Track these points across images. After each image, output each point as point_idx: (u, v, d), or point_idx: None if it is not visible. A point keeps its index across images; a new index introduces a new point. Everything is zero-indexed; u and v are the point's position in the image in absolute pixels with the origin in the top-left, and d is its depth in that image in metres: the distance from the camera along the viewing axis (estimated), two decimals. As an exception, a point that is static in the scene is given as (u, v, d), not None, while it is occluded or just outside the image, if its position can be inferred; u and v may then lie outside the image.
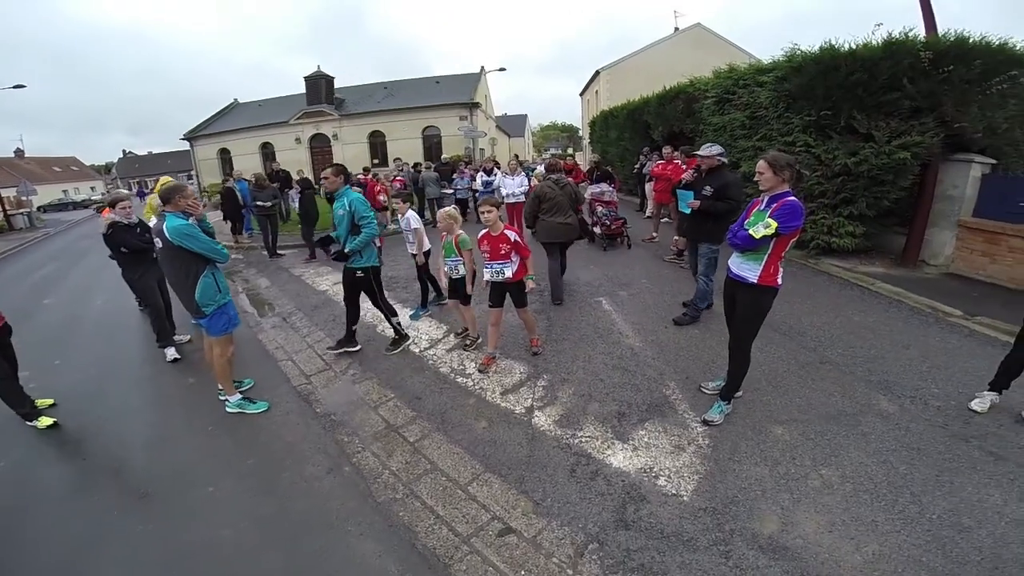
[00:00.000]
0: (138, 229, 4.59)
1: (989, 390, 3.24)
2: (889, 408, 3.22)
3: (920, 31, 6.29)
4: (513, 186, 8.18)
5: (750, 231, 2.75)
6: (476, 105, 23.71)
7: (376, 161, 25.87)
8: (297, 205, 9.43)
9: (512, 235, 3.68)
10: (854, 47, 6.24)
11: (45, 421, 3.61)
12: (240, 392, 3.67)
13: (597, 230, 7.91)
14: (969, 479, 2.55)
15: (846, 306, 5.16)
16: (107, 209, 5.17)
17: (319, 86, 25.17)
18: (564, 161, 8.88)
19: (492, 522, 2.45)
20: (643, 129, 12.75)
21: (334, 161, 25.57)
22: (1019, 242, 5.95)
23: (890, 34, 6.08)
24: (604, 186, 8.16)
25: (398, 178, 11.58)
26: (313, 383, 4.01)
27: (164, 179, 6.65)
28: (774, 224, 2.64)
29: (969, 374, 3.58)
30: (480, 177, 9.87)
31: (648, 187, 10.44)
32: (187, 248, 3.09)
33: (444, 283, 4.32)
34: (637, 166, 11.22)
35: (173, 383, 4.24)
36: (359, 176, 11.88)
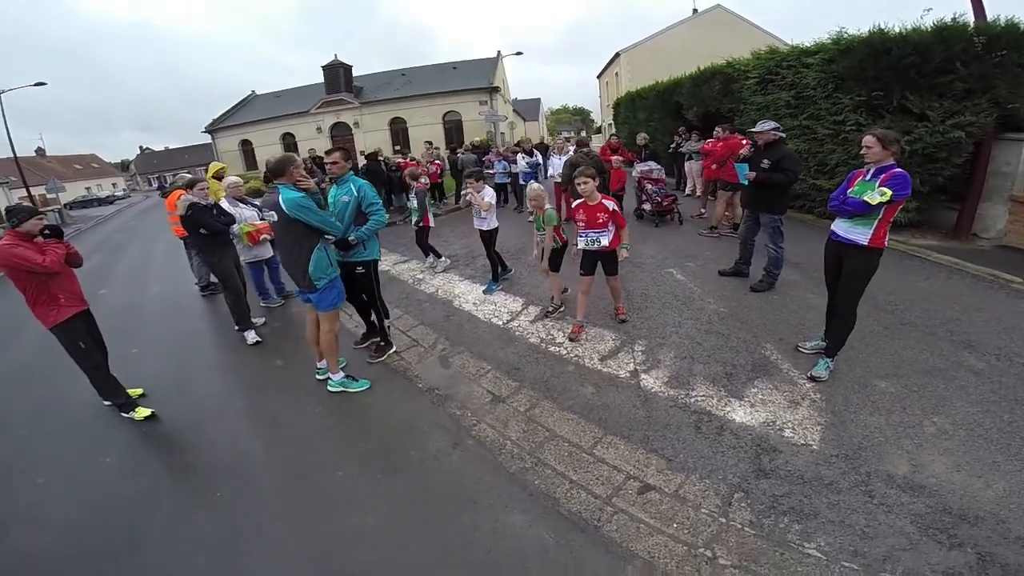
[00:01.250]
0: (215, 211, 4.60)
1: None
2: (978, 364, 3.46)
3: (968, 17, 6.38)
4: (560, 166, 8.47)
5: (865, 198, 3.01)
6: (496, 90, 23.72)
7: (398, 147, 26.08)
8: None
9: (611, 204, 3.80)
10: (904, 31, 6.34)
11: (142, 412, 3.47)
12: (342, 372, 3.64)
13: (647, 207, 8.14)
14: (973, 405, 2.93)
15: (908, 274, 5.36)
16: (178, 191, 5.41)
17: (337, 74, 25.29)
18: (611, 140, 9.11)
19: (629, 481, 2.57)
20: (674, 109, 12.79)
21: (359, 148, 26.08)
22: None
23: (941, 19, 6.18)
24: (652, 163, 8.27)
25: (435, 162, 11.76)
26: (405, 359, 4.04)
27: (214, 165, 7.02)
28: (889, 192, 2.91)
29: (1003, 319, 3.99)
30: (522, 159, 9.95)
31: (688, 165, 10.58)
32: (303, 220, 3.05)
33: (536, 254, 4.58)
34: (673, 146, 11.29)
35: (261, 366, 4.22)
36: (398, 160, 12.01)
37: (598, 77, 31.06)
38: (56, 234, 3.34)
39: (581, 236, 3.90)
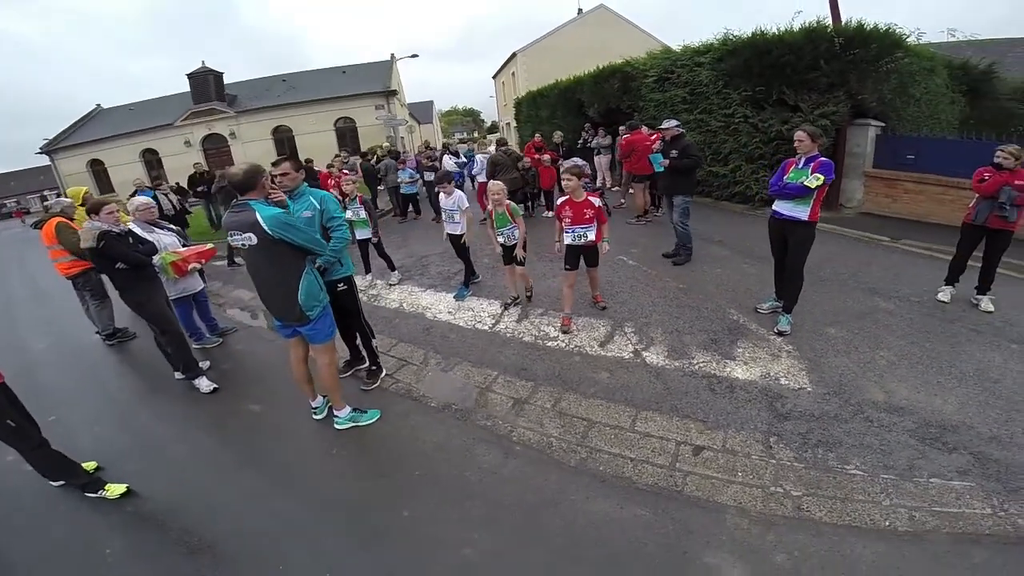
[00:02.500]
0: (130, 238, 3.80)
1: (945, 285, 4.55)
2: (888, 306, 4.37)
3: (828, 20, 7.56)
4: (483, 164, 8.51)
5: (804, 182, 3.61)
6: (393, 93, 23.00)
7: (283, 155, 24.08)
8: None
9: (596, 201, 3.93)
10: (780, 33, 7.32)
11: (115, 489, 2.83)
12: (348, 407, 3.23)
13: None
14: (974, 348, 3.62)
15: (825, 247, 6.32)
16: (58, 219, 4.70)
17: (206, 82, 22.65)
18: (535, 139, 9.28)
19: (681, 447, 2.79)
20: (576, 107, 13.41)
21: (237, 162, 23.43)
22: (912, 185, 7.57)
23: (809, 22, 7.25)
24: (578, 160, 8.41)
25: (344, 172, 10.92)
26: (401, 380, 3.73)
27: (76, 190, 5.94)
28: (822, 177, 3.56)
29: (921, 277, 4.96)
30: (449, 159, 9.85)
31: (597, 160, 11.10)
32: (288, 240, 2.60)
33: (498, 251, 4.62)
34: (580, 142, 11.71)
35: (233, 415, 3.54)
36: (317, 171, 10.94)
37: (494, 78, 31.52)
38: None
39: (568, 232, 3.99)
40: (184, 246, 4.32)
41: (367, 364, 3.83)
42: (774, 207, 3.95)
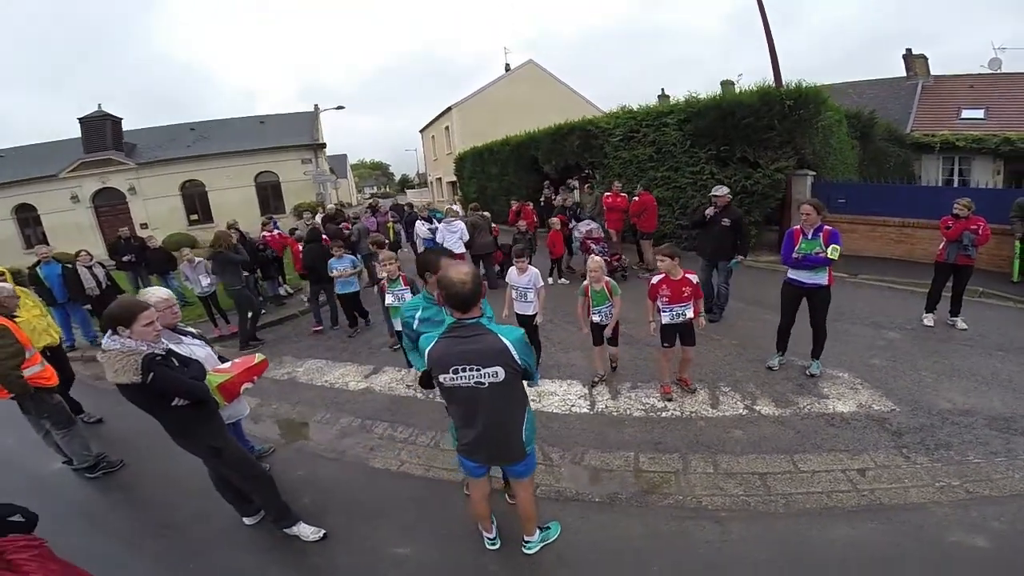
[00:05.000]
0: (173, 359, 2.60)
1: (926, 312, 5.54)
2: (896, 335, 5.24)
3: (769, 78, 8.71)
4: (447, 233, 8.08)
5: (828, 254, 4.00)
6: (322, 146, 22.13)
7: (195, 217, 21.82)
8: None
9: (693, 278, 3.92)
10: (739, 95, 8.29)
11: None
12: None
13: None
14: (976, 358, 4.55)
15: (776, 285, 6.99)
16: (9, 319, 3.47)
17: (102, 129, 20.01)
18: (524, 204, 9.33)
19: (848, 472, 3.11)
20: (529, 163, 13.83)
21: (137, 221, 20.75)
22: (846, 225, 8.81)
23: (760, 84, 8.32)
24: (592, 223, 8.12)
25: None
26: (541, 482, 3.20)
27: None
28: (839, 248, 4.02)
29: (898, 308, 5.93)
30: (422, 225, 9.23)
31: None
32: (523, 367, 2.11)
33: (586, 331, 4.38)
34: (543, 199, 11.86)
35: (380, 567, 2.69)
36: (263, 235, 9.05)
37: (421, 131, 31.75)
38: None
39: (666, 311, 3.95)
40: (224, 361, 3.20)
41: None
42: (791, 276, 4.31)
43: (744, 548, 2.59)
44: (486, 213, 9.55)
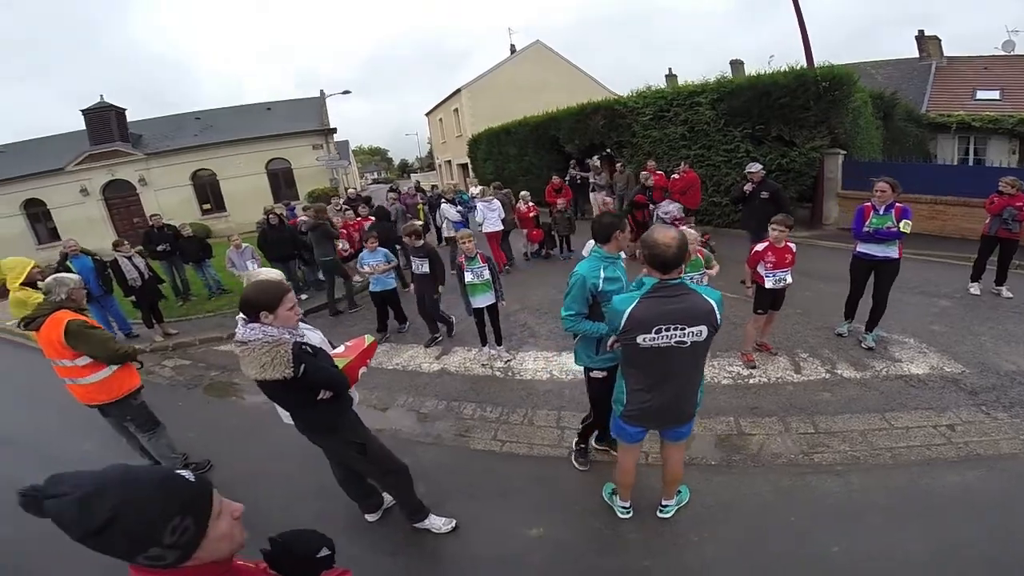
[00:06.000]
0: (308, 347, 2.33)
1: (972, 282, 5.83)
2: (947, 303, 5.54)
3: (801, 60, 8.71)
4: (487, 212, 8.20)
5: (901, 228, 4.17)
6: (332, 131, 21.87)
7: (208, 206, 21.71)
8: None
9: (793, 246, 4.19)
10: (773, 75, 8.28)
11: None
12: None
13: None
14: (1016, 325, 4.84)
15: (831, 257, 7.28)
16: (68, 314, 3.07)
17: (107, 120, 19.73)
18: (553, 180, 9.32)
19: (939, 428, 3.34)
20: (550, 143, 13.81)
21: (148, 212, 20.56)
22: None
23: (792, 66, 8.31)
24: (673, 204, 7.21)
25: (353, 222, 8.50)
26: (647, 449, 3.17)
27: (14, 262, 4.44)
28: (910, 223, 4.20)
29: (943, 278, 6.30)
30: (448, 208, 8.83)
31: (593, 196, 11.48)
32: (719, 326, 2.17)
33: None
34: (567, 178, 11.93)
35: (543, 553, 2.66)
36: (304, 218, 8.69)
37: (427, 114, 31.37)
38: None
39: (769, 276, 4.16)
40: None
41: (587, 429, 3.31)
42: (861, 249, 4.53)
43: (869, 496, 2.78)
44: (508, 191, 9.63)
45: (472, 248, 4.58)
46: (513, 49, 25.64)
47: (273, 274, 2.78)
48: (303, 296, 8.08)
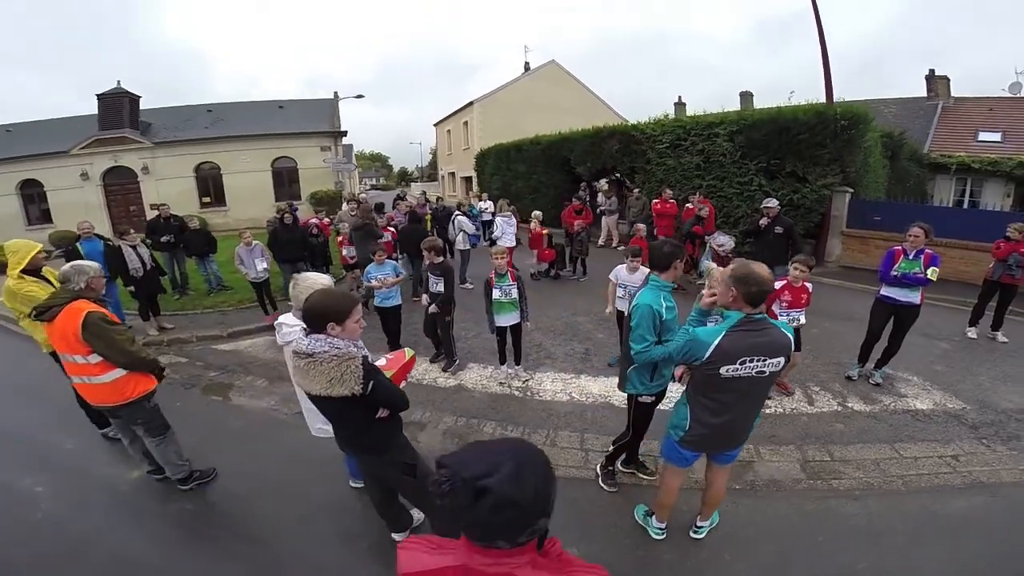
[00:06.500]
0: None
1: (970, 326, 6.08)
2: (946, 345, 5.80)
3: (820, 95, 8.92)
4: (506, 227, 8.25)
5: (928, 275, 4.30)
6: (343, 134, 21.90)
7: (208, 199, 21.54)
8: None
9: (809, 286, 4.20)
10: (794, 110, 8.45)
11: None
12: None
13: None
14: (1012, 367, 5.13)
15: (822, 295, 7.31)
16: (101, 304, 2.95)
17: (120, 106, 19.66)
18: (574, 203, 9.34)
19: (943, 458, 3.54)
20: (561, 164, 13.92)
21: (147, 201, 20.43)
22: (881, 242, 9.10)
23: (810, 101, 8.50)
24: (724, 237, 6.74)
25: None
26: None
27: (19, 244, 3.85)
28: (937, 270, 4.32)
29: (942, 320, 6.46)
30: (464, 221, 8.47)
31: (604, 220, 11.57)
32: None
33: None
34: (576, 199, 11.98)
35: None
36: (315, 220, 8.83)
37: (436, 125, 31.62)
38: None
39: (783, 315, 4.14)
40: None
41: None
42: (885, 293, 4.60)
43: (886, 520, 2.95)
44: (514, 208, 9.60)
45: (504, 265, 4.49)
46: (527, 67, 26.06)
47: (323, 280, 2.63)
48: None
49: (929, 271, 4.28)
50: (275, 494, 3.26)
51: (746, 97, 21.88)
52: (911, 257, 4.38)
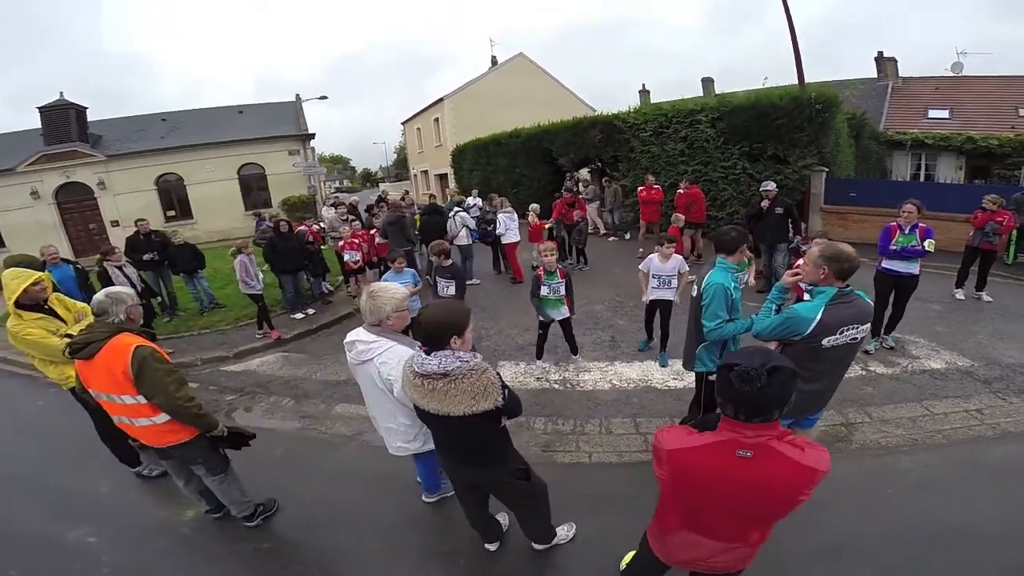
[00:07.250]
0: None
1: (956, 288, 6.59)
2: (939, 307, 6.19)
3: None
4: (510, 223, 8.33)
5: (925, 246, 4.68)
6: (311, 137, 21.26)
7: (173, 212, 20.57)
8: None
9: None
10: (771, 96, 8.81)
11: None
12: None
13: None
14: (1010, 323, 5.54)
15: None
16: (151, 340, 2.66)
17: (66, 118, 18.42)
18: (564, 195, 9.32)
19: (970, 412, 3.85)
20: (543, 156, 14.01)
21: (107, 218, 19.33)
22: (858, 217, 9.67)
23: (793, 87, 8.89)
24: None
25: (361, 232, 8.21)
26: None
27: (11, 273, 3.33)
28: (933, 242, 4.68)
29: (929, 284, 6.45)
30: (464, 217, 8.42)
31: (592, 208, 11.73)
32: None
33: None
34: (563, 190, 12.12)
35: None
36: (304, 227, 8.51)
37: (404, 123, 31.06)
38: None
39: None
40: None
41: None
42: (886, 266, 4.94)
43: (941, 471, 3.20)
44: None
45: (552, 262, 4.50)
46: (495, 60, 25.91)
47: (399, 288, 2.54)
48: (310, 311, 7.77)
49: (926, 243, 4.68)
50: (344, 518, 3.12)
51: (708, 83, 22.51)
52: (907, 231, 4.76)
